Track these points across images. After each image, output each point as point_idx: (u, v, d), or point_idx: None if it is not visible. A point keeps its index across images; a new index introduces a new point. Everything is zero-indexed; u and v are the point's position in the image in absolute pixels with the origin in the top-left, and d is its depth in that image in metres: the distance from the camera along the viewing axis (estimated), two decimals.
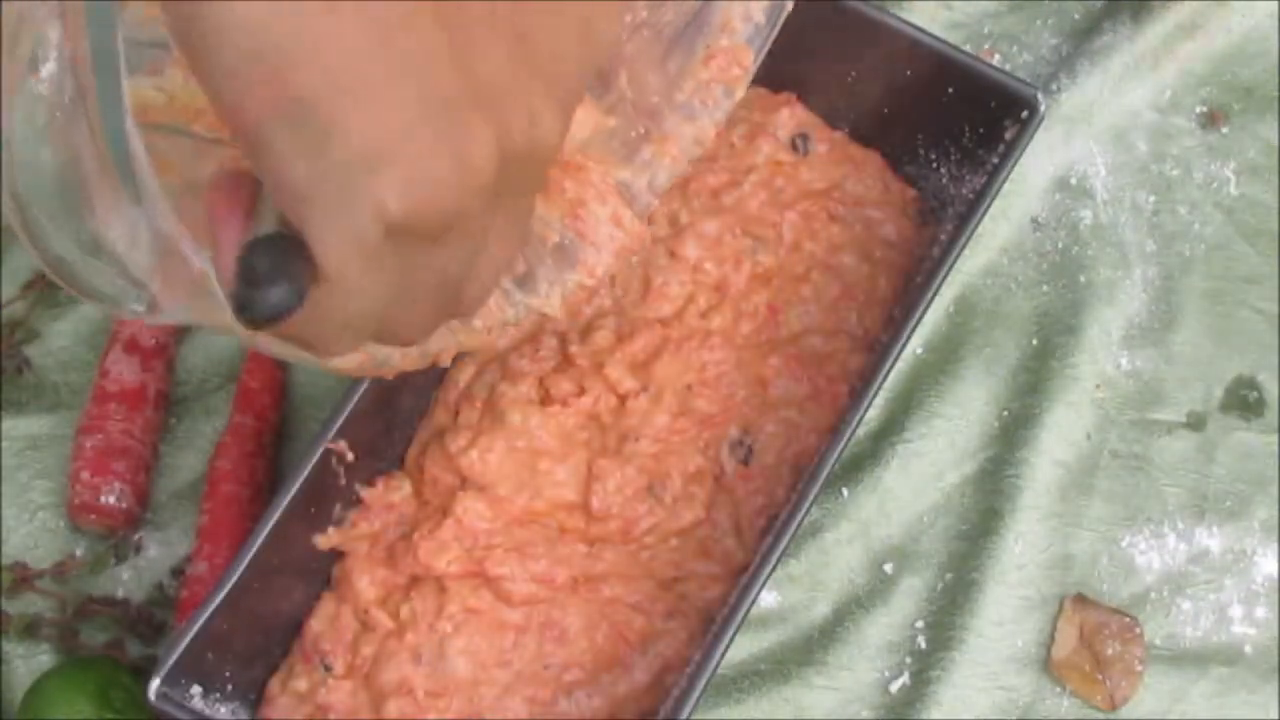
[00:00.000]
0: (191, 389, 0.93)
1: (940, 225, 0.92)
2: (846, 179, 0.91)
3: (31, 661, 0.87)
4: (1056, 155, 0.97)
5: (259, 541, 0.79)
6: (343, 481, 0.83)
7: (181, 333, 0.93)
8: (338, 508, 0.84)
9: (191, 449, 0.92)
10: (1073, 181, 0.97)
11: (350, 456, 0.82)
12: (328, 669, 0.83)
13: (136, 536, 0.89)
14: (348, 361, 0.66)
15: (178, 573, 0.89)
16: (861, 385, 0.83)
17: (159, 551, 0.90)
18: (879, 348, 0.88)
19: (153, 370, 0.91)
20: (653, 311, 0.87)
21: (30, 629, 0.87)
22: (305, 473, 0.80)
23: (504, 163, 0.49)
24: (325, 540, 0.84)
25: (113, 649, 0.86)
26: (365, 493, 0.84)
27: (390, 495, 0.85)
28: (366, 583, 0.84)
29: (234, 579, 0.78)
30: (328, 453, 0.81)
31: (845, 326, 0.89)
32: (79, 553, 0.89)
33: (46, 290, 0.93)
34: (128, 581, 0.89)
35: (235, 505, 0.87)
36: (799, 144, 0.91)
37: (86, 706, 0.81)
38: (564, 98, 0.51)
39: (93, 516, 0.88)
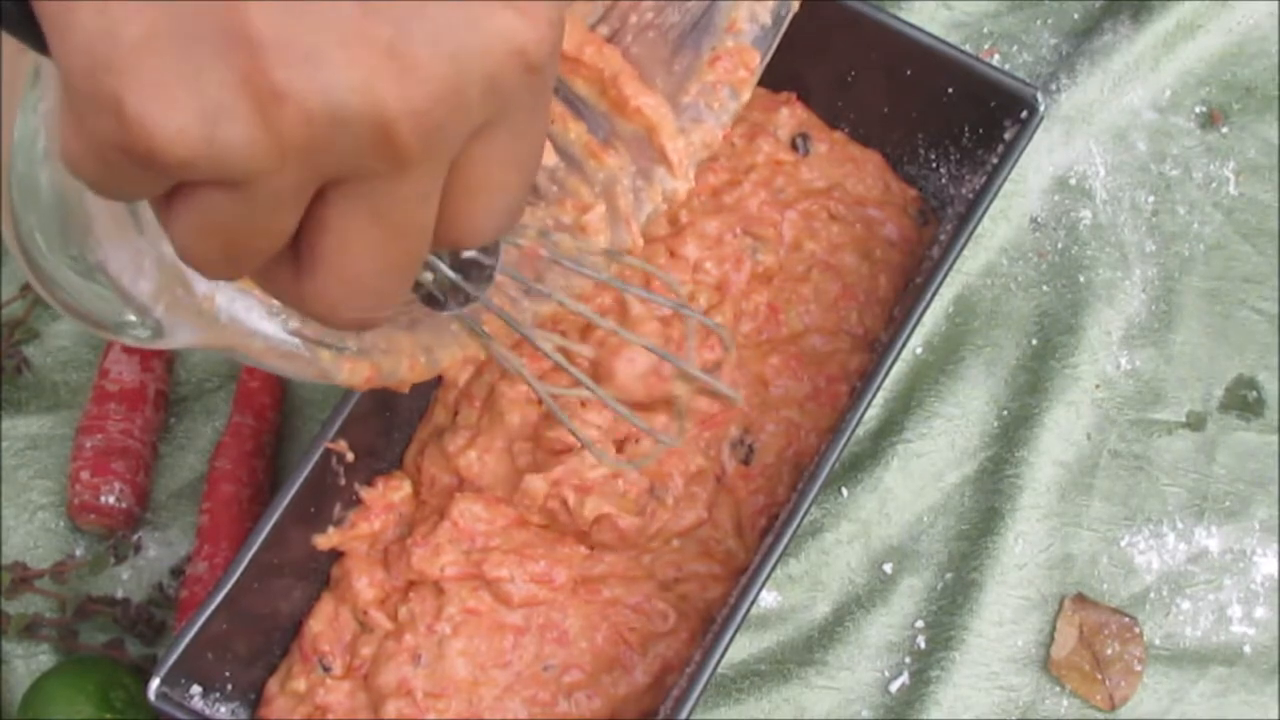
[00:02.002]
0: (191, 389, 0.93)
1: (940, 225, 0.92)
2: (847, 178, 0.91)
3: (31, 661, 0.87)
4: (1056, 155, 0.97)
5: (259, 541, 0.79)
6: (342, 481, 0.83)
7: None
8: (337, 508, 0.84)
9: (191, 449, 0.92)
10: (1072, 181, 0.97)
11: (350, 456, 0.82)
12: (326, 669, 0.83)
13: (136, 536, 0.89)
14: (356, 375, 0.66)
15: (178, 573, 0.89)
16: (861, 385, 0.83)
17: (159, 551, 0.90)
18: (879, 347, 0.88)
19: (152, 370, 0.91)
20: (652, 310, 0.87)
21: (30, 629, 0.87)
22: (305, 473, 0.80)
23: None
24: (324, 540, 0.84)
25: (113, 649, 0.86)
26: (365, 493, 0.84)
27: (390, 495, 0.85)
28: (365, 583, 0.84)
29: (234, 579, 0.78)
30: (327, 453, 0.81)
31: (845, 326, 0.89)
32: (79, 553, 0.89)
33: None
34: (128, 581, 0.89)
35: (235, 505, 0.87)
36: (799, 144, 0.91)
37: (86, 706, 0.81)
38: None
39: (92, 516, 0.88)
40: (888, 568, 0.90)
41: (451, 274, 0.57)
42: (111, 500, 0.88)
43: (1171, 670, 0.89)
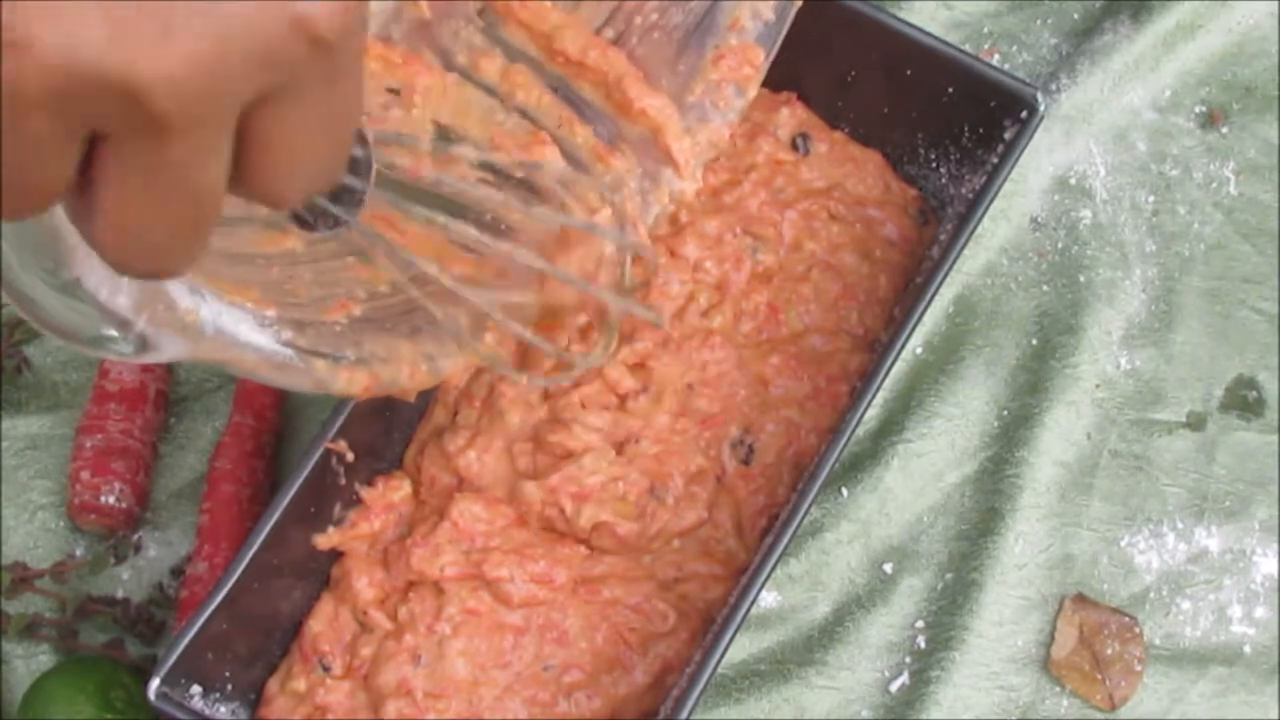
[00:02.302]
0: (191, 389, 0.93)
1: (940, 225, 0.92)
2: (847, 178, 0.91)
3: (31, 661, 0.87)
4: (1056, 155, 0.97)
5: (259, 541, 0.79)
6: (342, 481, 0.83)
7: None
8: (338, 507, 0.84)
9: (191, 449, 0.92)
10: (1072, 181, 0.97)
11: (350, 456, 0.82)
12: (326, 669, 0.83)
13: (136, 536, 0.89)
14: (354, 384, 0.66)
15: (178, 573, 0.88)
16: (861, 385, 0.83)
17: (159, 551, 0.90)
18: (879, 348, 0.88)
19: (152, 370, 0.90)
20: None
21: (30, 629, 0.87)
22: (305, 472, 0.80)
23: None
24: (324, 540, 0.84)
25: (113, 649, 0.86)
26: (365, 493, 0.84)
27: (390, 495, 0.85)
28: (365, 583, 0.84)
29: (234, 579, 0.78)
30: (327, 452, 0.81)
31: (846, 326, 0.89)
32: (79, 553, 0.89)
33: None
34: (128, 581, 0.89)
35: (235, 505, 0.87)
36: (799, 143, 0.91)
37: (86, 706, 0.81)
38: None
39: (93, 516, 0.88)
40: (888, 568, 0.90)
41: (322, 200, 0.56)
42: (111, 500, 0.87)
43: (1172, 670, 0.89)
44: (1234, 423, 0.93)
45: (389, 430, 0.86)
